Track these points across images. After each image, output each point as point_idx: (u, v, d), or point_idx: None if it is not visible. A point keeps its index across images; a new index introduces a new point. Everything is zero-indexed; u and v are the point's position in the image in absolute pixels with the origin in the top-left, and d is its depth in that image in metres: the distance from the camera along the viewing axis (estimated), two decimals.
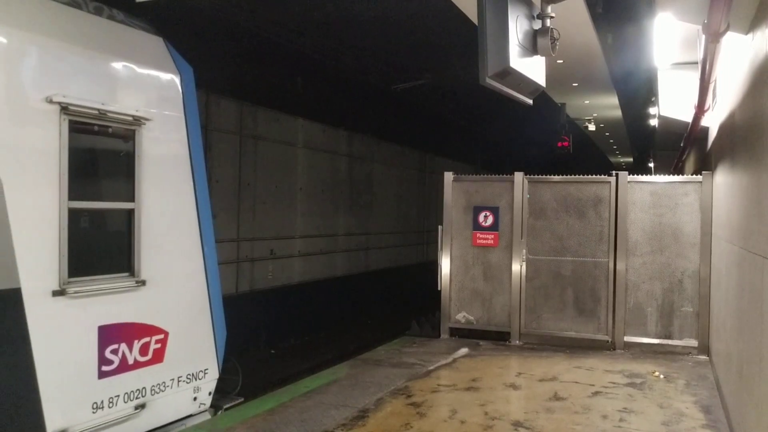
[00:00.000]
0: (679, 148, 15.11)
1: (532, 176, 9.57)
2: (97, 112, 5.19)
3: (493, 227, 9.60)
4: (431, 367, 7.85)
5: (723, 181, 7.20)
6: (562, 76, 15.75)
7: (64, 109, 4.92)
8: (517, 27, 4.98)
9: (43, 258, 4.80)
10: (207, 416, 6.27)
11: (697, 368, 7.97)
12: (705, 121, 8.86)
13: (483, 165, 28.01)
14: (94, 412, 5.17)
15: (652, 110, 17.21)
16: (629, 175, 9.12)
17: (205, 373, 6.31)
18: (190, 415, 6.16)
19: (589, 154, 34.39)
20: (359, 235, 18.57)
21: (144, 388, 5.63)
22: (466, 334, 9.66)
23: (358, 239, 18.53)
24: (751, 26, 4.78)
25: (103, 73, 5.41)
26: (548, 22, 5.37)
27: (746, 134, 5.06)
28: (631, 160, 40.92)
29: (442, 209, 9.95)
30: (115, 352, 5.34)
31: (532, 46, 5.26)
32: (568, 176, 9.42)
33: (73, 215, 5.04)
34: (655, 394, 6.77)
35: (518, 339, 9.40)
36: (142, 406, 5.60)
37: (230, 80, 12.90)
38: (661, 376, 7.51)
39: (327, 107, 16.46)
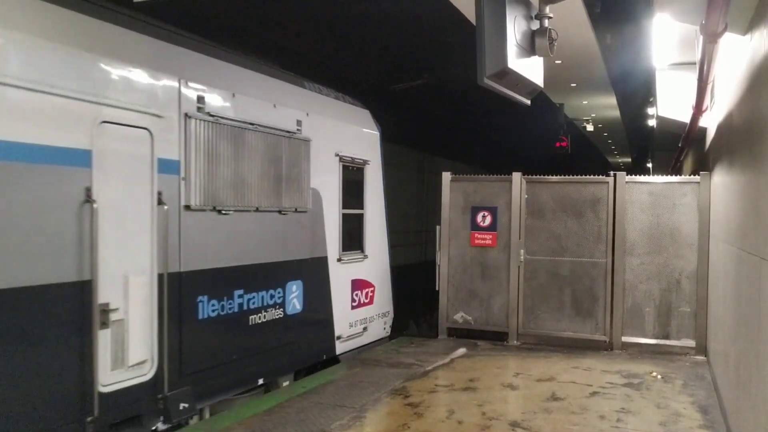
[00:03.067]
0: (677, 149, 15.11)
1: (530, 176, 9.59)
2: (351, 159, 8.89)
3: (491, 227, 9.60)
4: (429, 368, 7.85)
5: (721, 181, 7.20)
6: (560, 77, 15.75)
7: (340, 158, 8.62)
8: (515, 27, 4.97)
9: (334, 241, 8.46)
10: (387, 340, 9.82)
11: (694, 368, 7.98)
12: (703, 122, 8.87)
13: (481, 165, 27.99)
14: (349, 328, 8.83)
15: (651, 110, 17.23)
16: (627, 175, 9.13)
17: (388, 313, 10.03)
18: (381, 339, 9.71)
19: (587, 155, 34.39)
20: None
21: (366, 318, 9.27)
22: (464, 335, 9.67)
23: None
24: (750, 27, 4.78)
25: (350, 135, 9.09)
26: (546, 22, 5.36)
27: (744, 135, 5.07)
28: (629, 160, 40.95)
29: (440, 209, 9.96)
30: (357, 295, 9.04)
31: (530, 47, 5.25)
32: (567, 176, 9.42)
33: (343, 217, 8.70)
34: (652, 395, 6.77)
35: (516, 339, 9.40)
36: (365, 329, 9.22)
37: None
38: (659, 377, 7.52)
39: None
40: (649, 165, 32.36)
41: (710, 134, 8.65)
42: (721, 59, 6.29)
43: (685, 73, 9.57)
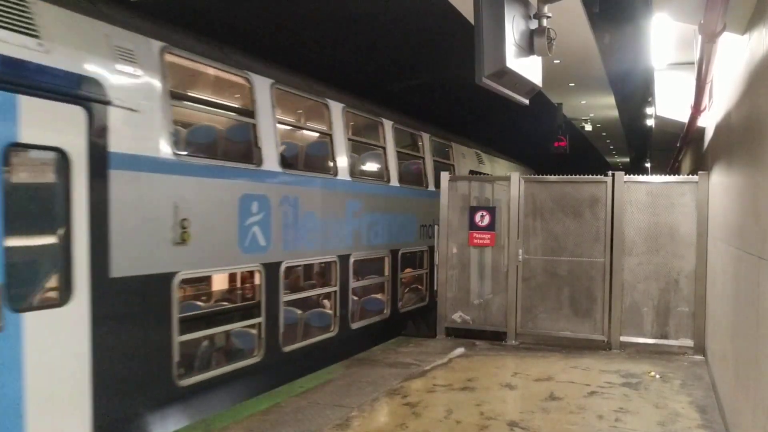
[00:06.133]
0: (676, 149, 15.12)
1: (528, 176, 9.57)
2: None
3: (490, 227, 9.59)
4: (427, 367, 7.84)
5: (719, 181, 7.20)
6: (558, 76, 15.76)
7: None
8: (514, 27, 4.97)
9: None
10: None
11: (692, 368, 7.97)
12: (701, 122, 8.86)
13: None
14: None
15: (649, 110, 17.22)
16: (626, 175, 9.12)
17: None
18: None
19: (585, 154, 34.38)
20: None
21: None
22: (462, 334, 9.65)
23: None
24: (748, 26, 4.78)
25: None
26: (545, 21, 5.36)
27: (743, 134, 5.06)
28: (627, 160, 40.95)
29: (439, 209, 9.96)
30: None
31: (528, 46, 5.25)
32: (565, 176, 9.41)
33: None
34: (650, 394, 6.77)
35: (514, 339, 9.40)
36: None
37: None
38: (657, 376, 7.51)
39: None
40: (648, 165, 32.36)
41: (709, 134, 8.64)
42: (719, 59, 6.28)
43: (683, 73, 9.57)
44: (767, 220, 3.89)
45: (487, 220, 9.60)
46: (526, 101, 5.74)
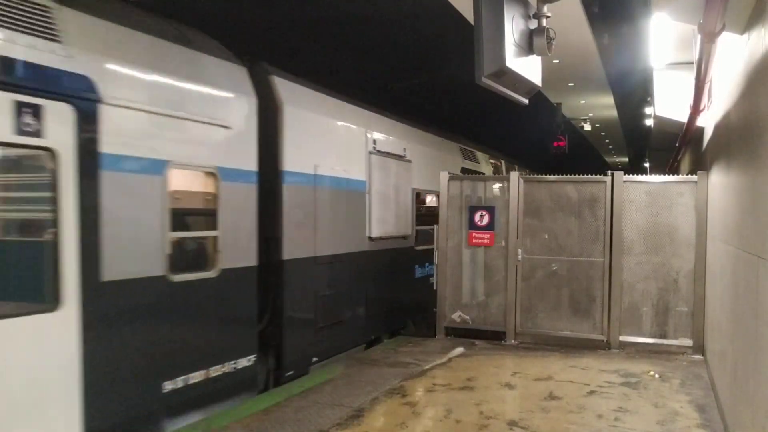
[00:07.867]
0: (675, 148, 15.13)
1: (528, 176, 9.57)
2: None
3: (489, 227, 9.59)
4: (427, 367, 7.85)
5: (718, 180, 7.21)
6: (558, 76, 15.76)
7: None
8: (513, 27, 4.97)
9: None
10: None
11: (692, 367, 7.99)
12: (700, 121, 8.86)
13: None
14: None
15: (648, 110, 17.23)
16: (625, 174, 9.13)
17: None
18: None
19: (585, 154, 34.41)
20: None
21: None
22: (461, 334, 9.66)
23: None
24: (747, 26, 4.79)
25: None
26: (544, 21, 5.37)
27: (742, 134, 5.07)
28: (626, 159, 40.98)
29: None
30: None
31: (528, 46, 5.25)
32: (564, 176, 9.42)
33: None
34: (650, 394, 6.78)
35: (514, 338, 9.40)
36: None
37: None
38: (656, 376, 7.53)
39: None
40: (647, 164, 32.38)
41: (707, 134, 8.65)
42: (718, 59, 6.29)
43: (682, 73, 9.57)
44: (766, 220, 3.90)
45: (486, 219, 9.61)
46: (526, 101, 5.75)
